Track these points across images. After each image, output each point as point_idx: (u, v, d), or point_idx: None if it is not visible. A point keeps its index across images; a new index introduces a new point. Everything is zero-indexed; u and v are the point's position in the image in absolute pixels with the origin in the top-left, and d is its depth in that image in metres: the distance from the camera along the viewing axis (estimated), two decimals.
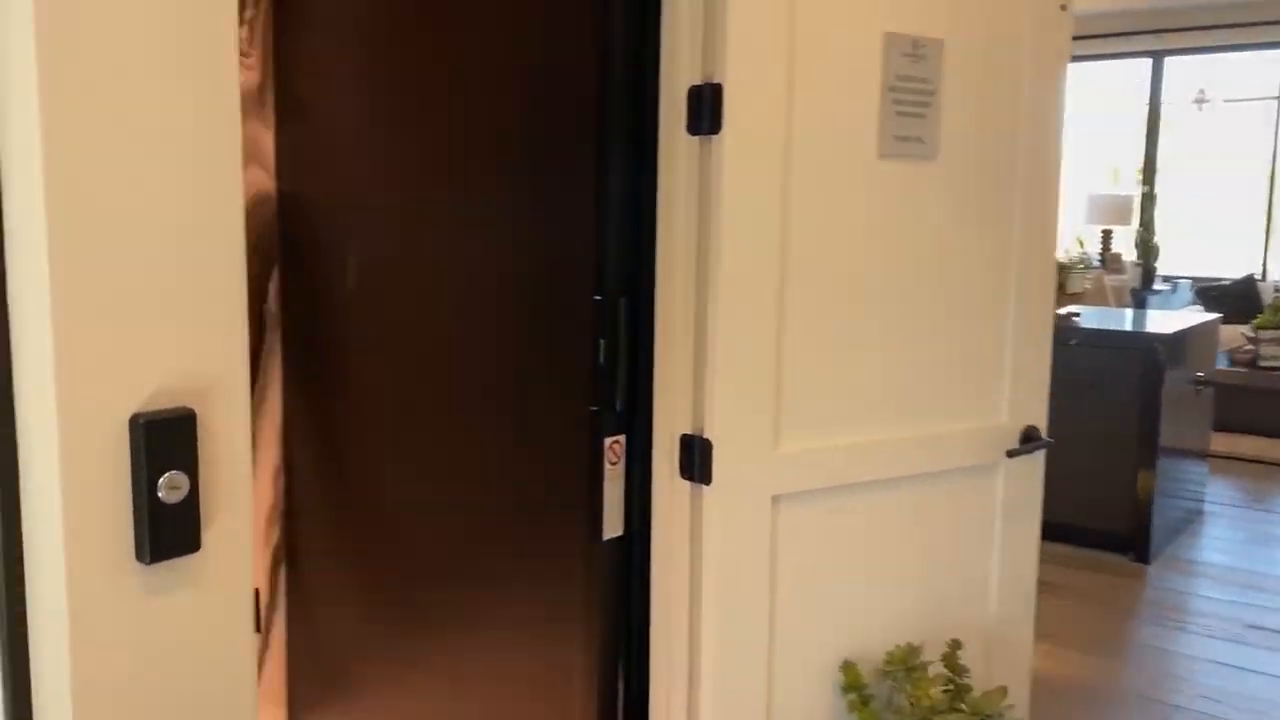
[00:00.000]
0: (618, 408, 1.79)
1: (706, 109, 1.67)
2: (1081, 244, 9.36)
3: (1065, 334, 4.13)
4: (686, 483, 1.78)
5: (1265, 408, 6.32)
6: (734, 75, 1.65)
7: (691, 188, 1.71)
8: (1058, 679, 2.99)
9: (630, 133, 1.78)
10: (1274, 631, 3.35)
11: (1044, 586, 3.70)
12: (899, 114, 1.83)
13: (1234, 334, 7.26)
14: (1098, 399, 4.08)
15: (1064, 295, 4.51)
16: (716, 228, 1.68)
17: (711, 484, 1.74)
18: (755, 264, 1.72)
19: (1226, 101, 11.35)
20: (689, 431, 1.76)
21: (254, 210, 2.33)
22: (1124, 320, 4.46)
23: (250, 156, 2.31)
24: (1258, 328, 6.73)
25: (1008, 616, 2.14)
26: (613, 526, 1.82)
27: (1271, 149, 9.41)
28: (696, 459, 1.75)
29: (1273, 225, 9.40)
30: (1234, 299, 8.38)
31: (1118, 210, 9.26)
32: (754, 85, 1.67)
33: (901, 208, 1.86)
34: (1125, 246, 9.52)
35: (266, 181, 2.35)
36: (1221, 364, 6.59)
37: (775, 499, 1.80)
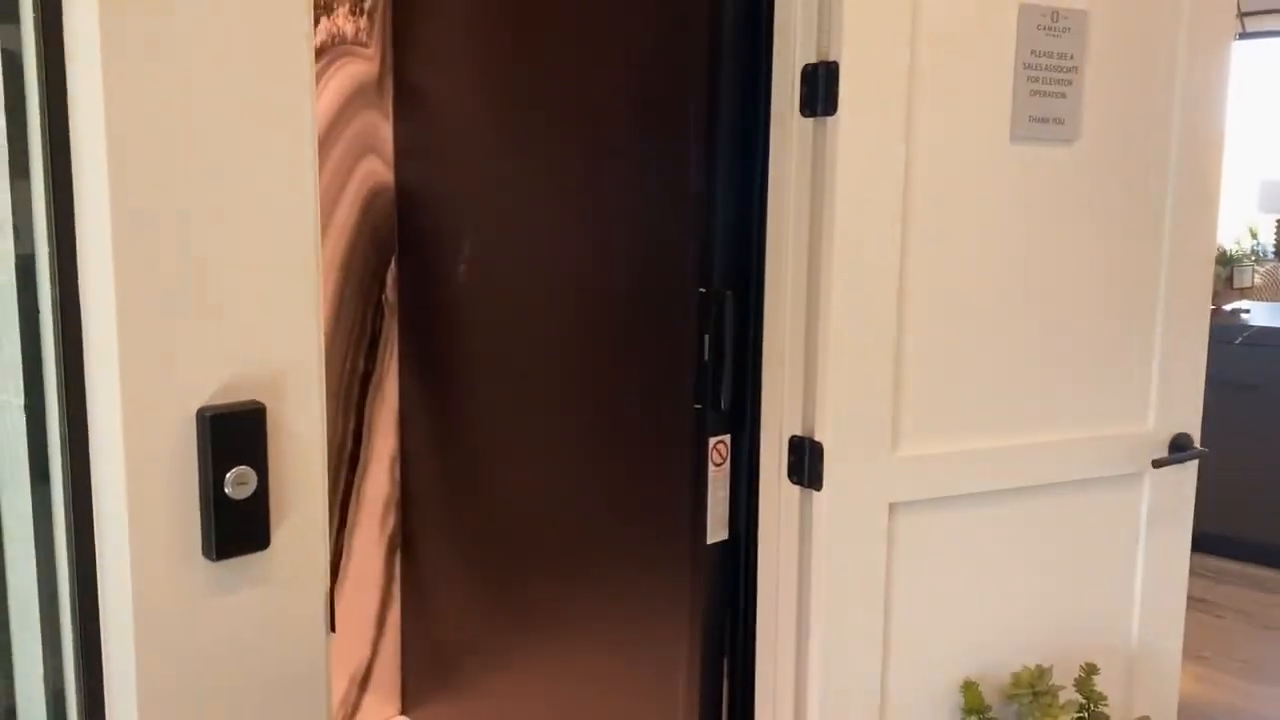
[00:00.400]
0: (723, 406, 1.71)
1: (821, 89, 1.57)
2: (1254, 234, 8.71)
3: (1230, 331, 3.82)
4: (796, 487, 1.68)
5: None
6: (850, 53, 1.54)
7: (804, 173, 1.62)
8: (1211, 706, 2.75)
9: (742, 115, 1.69)
10: None
11: (1199, 603, 3.43)
12: (1035, 93, 1.68)
13: None
14: (1268, 401, 3.76)
15: (1230, 290, 4.18)
16: (830, 215, 1.58)
17: (822, 489, 1.64)
18: (872, 255, 1.61)
19: None
20: (799, 433, 1.67)
21: (372, 201, 2.34)
22: None
23: (369, 148, 2.33)
24: None
25: (1153, 640, 1.96)
26: (717, 530, 1.74)
27: None
28: (806, 463, 1.65)
29: None
30: None
31: None
32: (872, 63, 1.56)
33: (1036, 194, 1.72)
34: None
35: (385, 173, 2.36)
36: None
37: (892, 506, 1.69)
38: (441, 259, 2.28)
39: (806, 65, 1.59)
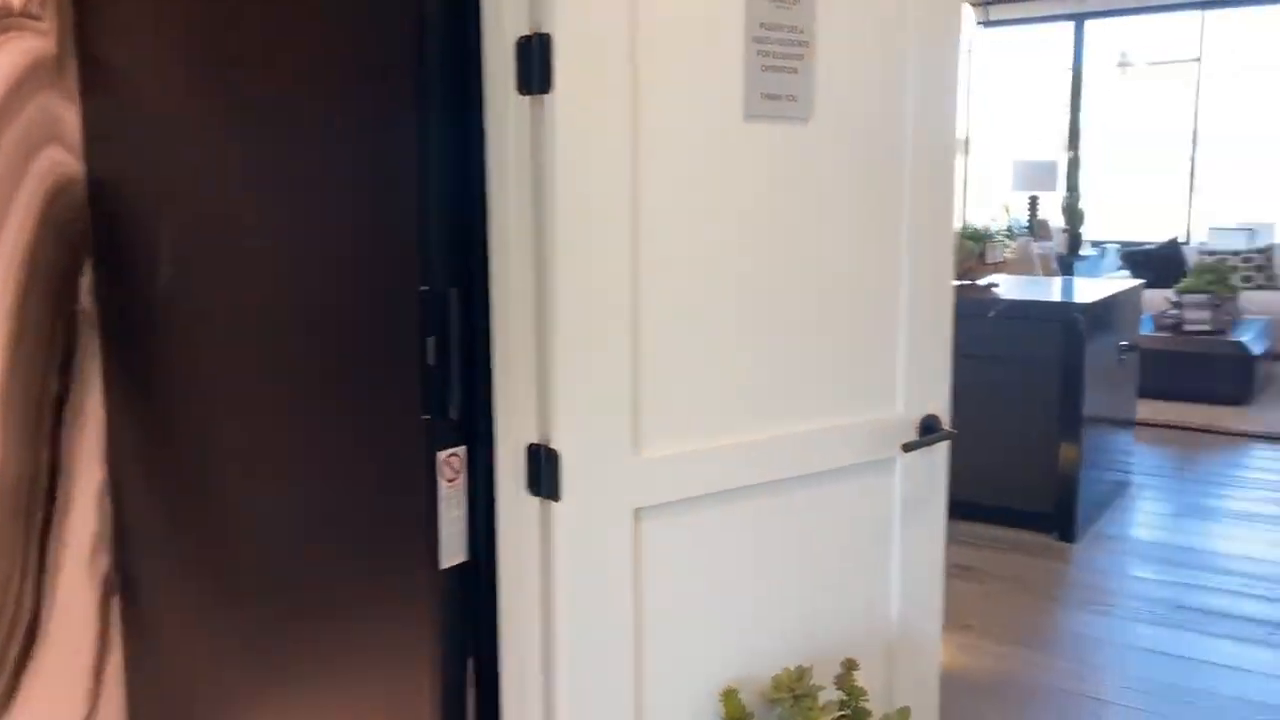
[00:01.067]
0: (452, 415, 1.55)
1: (536, 64, 1.43)
2: (1008, 211, 9.29)
3: (984, 306, 3.97)
4: (536, 499, 1.54)
5: (1190, 373, 6.26)
6: (563, 24, 1.41)
7: (524, 156, 1.47)
8: (977, 674, 2.82)
9: (459, 93, 1.53)
10: (1201, 611, 3.22)
11: (964, 571, 3.55)
12: (766, 68, 1.60)
13: (1159, 299, 7.22)
14: (1018, 372, 3.93)
15: (984, 265, 4.35)
16: (552, 202, 1.45)
17: (561, 500, 1.51)
18: (602, 244, 1.48)
19: (1149, 65, 11.40)
20: (535, 441, 1.53)
21: (57, 197, 2.04)
22: (1044, 289, 4.32)
23: (50, 135, 2.02)
24: (1181, 292, 6.68)
25: (912, 626, 1.94)
26: (453, 553, 1.58)
27: (1193, 112, 9.42)
28: (543, 471, 1.52)
29: (1195, 189, 9.42)
30: (1159, 263, 8.36)
31: (1043, 176, 9.20)
32: (589, 35, 1.43)
33: (773, 175, 1.64)
34: (1054, 213, 9.48)
35: (72, 163, 2.06)
36: (1147, 329, 6.53)
37: (638, 512, 1.58)
38: (145, 259, 2.01)
39: (520, 37, 1.45)
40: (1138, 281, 4.66)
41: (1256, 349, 6.26)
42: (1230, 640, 3.01)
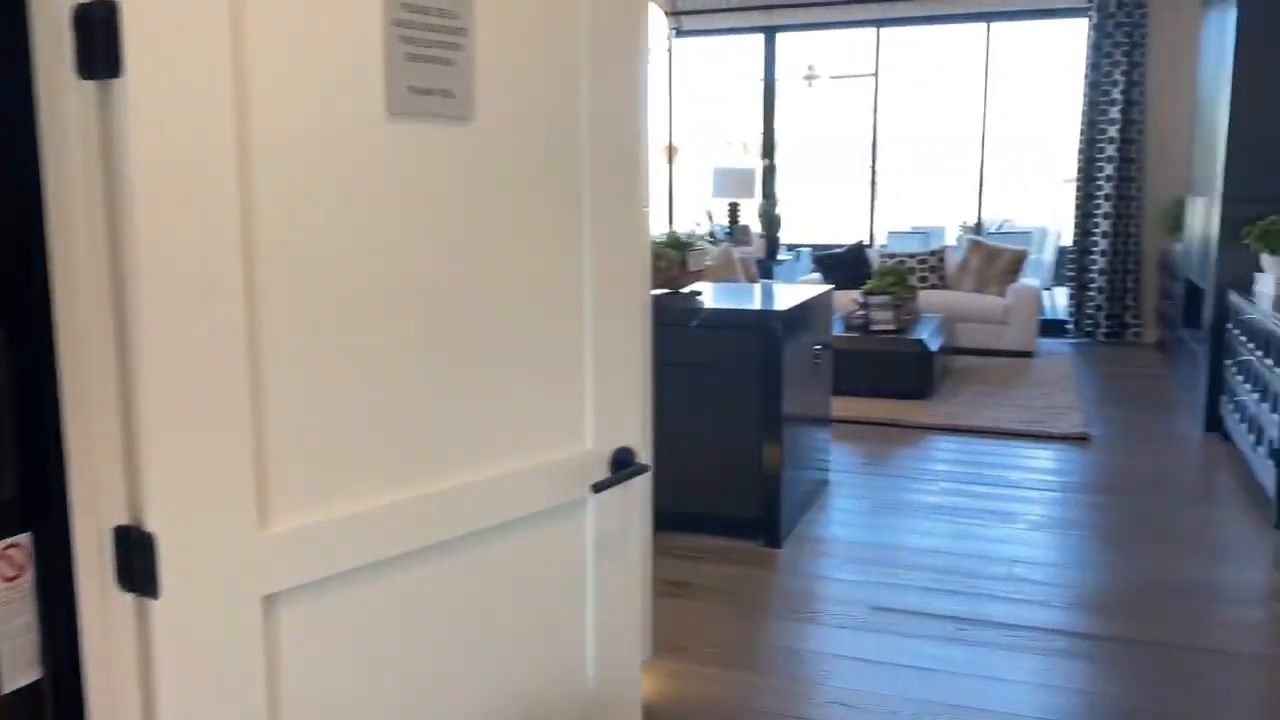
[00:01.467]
0: (8, 494, 1.19)
1: (99, 39, 1.11)
2: (710, 217, 9.53)
3: (687, 315, 3.91)
4: (130, 595, 1.21)
5: (877, 370, 6.60)
6: None
7: (91, 159, 1.14)
8: (688, 703, 2.71)
9: (16, 74, 1.18)
10: (896, 611, 3.29)
11: (675, 588, 3.46)
12: (413, 57, 1.35)
13: (848, 300, 7.60)
14: (721, 379, 3.90)
15: (687, 273, 4.31)
16: (131, 218, 1.13)
17: (161, 595, 1.19)
18: (203, 269, 1.18)
19: (833, 78, 12.11)
20: (125, 521, 1.20)
21: None
22: (745, 297, 4.33)
23: None
24: (867, 293, 7.05)
25: (610, 682, 1.76)
26: (19, 670, 1.22)
27: (872, 123, 10.04)
28: (135, 560, 1.19)
29: (876, 195, 10.06)
30: (847, 265, 8.83)
31: (741, 183, 9.51)
32: (170, 2, 1.12)
33: (429, 183, 1.39)
34: (753, 219, 9.82)
35: None
36: (838, 330, 6.83)
37: (269, 600, 1.28)
38: None
39: (77, 5, 1.12)
40: (829, 286, 4.80)
41: (934, 345, 6.68)
42: (925, 640, 3.08)
